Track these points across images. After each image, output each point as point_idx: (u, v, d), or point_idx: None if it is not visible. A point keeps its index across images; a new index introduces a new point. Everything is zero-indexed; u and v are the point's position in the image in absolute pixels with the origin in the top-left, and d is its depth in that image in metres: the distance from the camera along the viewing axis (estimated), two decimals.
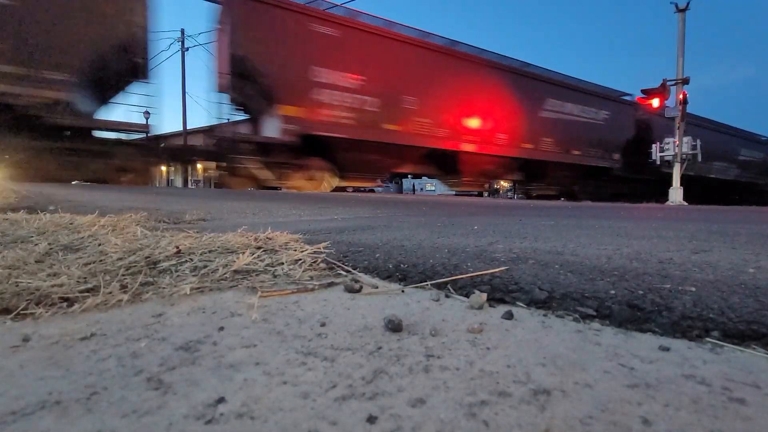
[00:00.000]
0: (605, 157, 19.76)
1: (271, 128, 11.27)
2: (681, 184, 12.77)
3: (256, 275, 1.32)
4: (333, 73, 11.94)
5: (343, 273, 1.40)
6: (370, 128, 12.67)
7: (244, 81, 10.87)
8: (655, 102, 12.89)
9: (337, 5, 13.07)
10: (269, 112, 11.25)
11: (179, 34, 23.78)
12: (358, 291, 1.18)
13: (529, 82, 16.96)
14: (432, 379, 0.66)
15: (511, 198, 20.98)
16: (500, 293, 1.14)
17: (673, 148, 13.11)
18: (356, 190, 14.65)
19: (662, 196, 13.48)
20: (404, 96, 13.37)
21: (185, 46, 23.64)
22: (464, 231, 2.50)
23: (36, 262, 1.33)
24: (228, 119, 12.03)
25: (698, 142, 13.29)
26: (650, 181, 19.51)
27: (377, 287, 1.24)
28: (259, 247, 1.65)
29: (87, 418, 0.55)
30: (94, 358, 0.73)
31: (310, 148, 11.75)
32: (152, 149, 12.24)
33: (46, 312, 0.96)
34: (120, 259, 1.38)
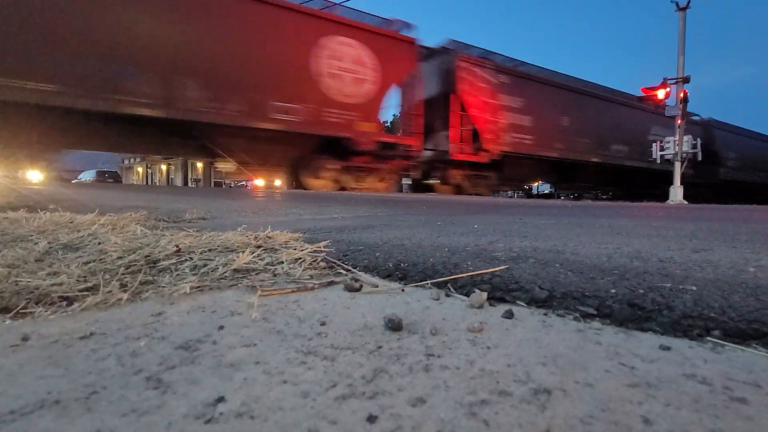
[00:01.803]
0: None
1: None
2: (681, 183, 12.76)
3: (256, 274, 1.32)
4: None
5: (343, 272, 1.40)
6: None
7: None
8: (661, 93, 12.91)
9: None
10: None
11: None
12: (358, 290, 1.18)
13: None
14: (432, 378, 0.66)
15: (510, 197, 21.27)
16: (501, 292, 1.14)
17: (673, 147, 13.09)
18: None
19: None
20: None
21: None
22: (464, 230, 2.50)
23: (36, 260, 1.33)
24: None
25: (698, 141, 13.28)
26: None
27: (377, 286, 1.24)
28: (258, 246, 1.65)
29: (86, 417, 0.55)
30: (93, 357, 0.73)
31: None
32: None
33: (46, 311, 0.96)
34: (120, 257, 1.38)
